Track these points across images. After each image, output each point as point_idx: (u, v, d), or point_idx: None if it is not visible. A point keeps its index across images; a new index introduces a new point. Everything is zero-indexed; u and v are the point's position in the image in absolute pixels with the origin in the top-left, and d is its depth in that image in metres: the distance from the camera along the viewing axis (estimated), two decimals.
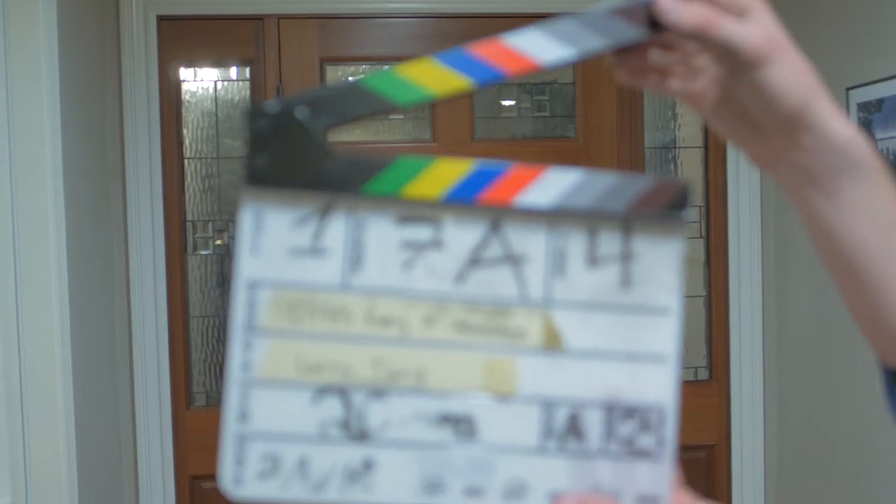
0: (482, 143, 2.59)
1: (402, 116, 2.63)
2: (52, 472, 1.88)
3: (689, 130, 2.69)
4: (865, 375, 2.15)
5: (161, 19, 2.48)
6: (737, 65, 0.54)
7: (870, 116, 2.08)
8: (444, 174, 0.49)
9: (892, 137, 2.01)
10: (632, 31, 0.52)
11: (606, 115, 2.62)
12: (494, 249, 0.50)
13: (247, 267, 0.49)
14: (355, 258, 0.49)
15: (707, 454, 2.69)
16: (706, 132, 2.67)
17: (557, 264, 0.50)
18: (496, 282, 0.50)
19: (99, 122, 2.32)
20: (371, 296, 0.49)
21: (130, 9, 2.43)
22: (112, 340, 2.40)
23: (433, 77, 0.50)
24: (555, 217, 0.50)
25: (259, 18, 2.52)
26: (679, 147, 2.70)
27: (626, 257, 0.50)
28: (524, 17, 2.56)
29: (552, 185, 0.50)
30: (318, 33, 2.54)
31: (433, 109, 2.58)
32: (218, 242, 2.58)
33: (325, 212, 0.49)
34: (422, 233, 0.50)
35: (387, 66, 0.52)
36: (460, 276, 0.50)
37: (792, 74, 0.54)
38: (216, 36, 2.52)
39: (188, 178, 2.55)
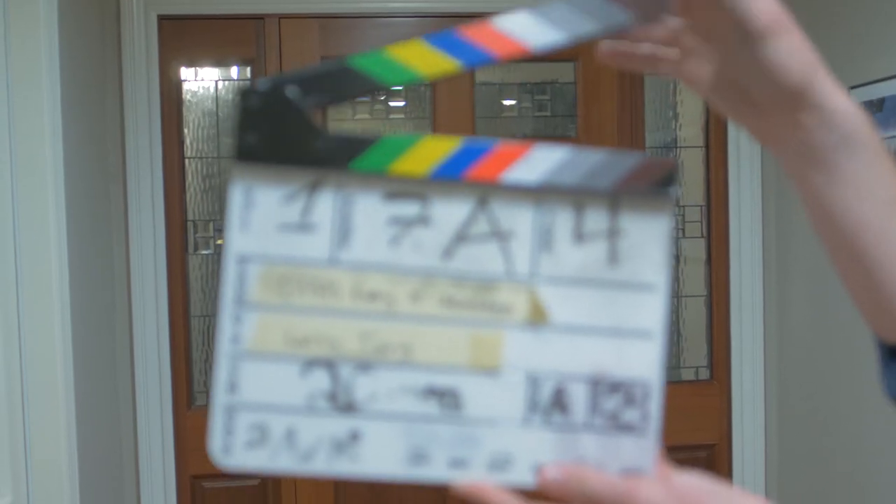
0: None
1: (402, 115, 2.63)
2: (53, 472, 1.88)
3: (689, 130, 2.69)
4: (867, 374, 2.14)
5: (162, 19, 2.48)
6: (741, 38, 0.54)
7: (871, 115, 2.08)
8: (431, 151, 0.50)
9: (893, 137, 2.01)
10: (623, 17, 0.52)
11: (607, 114, 2.62)
12: (481, 225, 0.50)
13: (236, 242, 0.50)
14: (343, 234, 0.50)
15: (708, 454, 2.69)
16: (707, 132, 2.67)
17: (544, 240, 0.51)
18: (483, 257, 0.51)
19: (99, 121, 2.32)
20: (358, 271, 0.50)
21: (131, 8, 2.43)
22: (113, 340, 2.40)
23: (422, 59, 0.50)
24: (542, 194, 0.51)
25: (260, 18, 2.52)
26: (680, 147, 2.69)
27: (613, 234, 0.51)
28: None
29: (539, 162, 0.50)
30: (319, 33, 2.54)
31: (434, 108, 2.58)
32: (219, 242, 2.58)
33: (313, 188, 0.50)
34: (409, 209, 0.50)
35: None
36: (447, 252, 0.50)
37: (796, 50, 0.55)
38: (217, 35, 2.52)
39: (189, 178, 2.55)
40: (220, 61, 2.55)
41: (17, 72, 1.82)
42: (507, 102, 2.67)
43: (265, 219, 0.50)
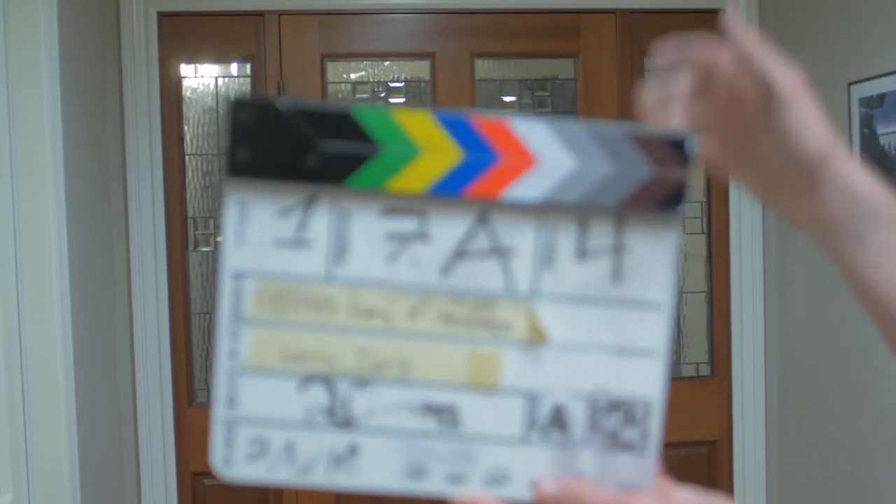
0: None
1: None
2: (54, 470, 1.89)
3: None
4: (867, 371, 2.14)
5: (161, 16, 2.47)
6: (764, 105, 0.56)
7: (871, 111, 2.07)
8: (430, 167, 0.49)
9: (893, 132, 2.00)
10: (641, 167, 0.50)
11: (607, 111, 2.61)
12: (481, 242, 0.50)
13: (232, 257, 0.50)
14: (339, 249, 0.50)
15: (709, 450, 2.69)
16: None
17: (546, 257, 0.50)
18: (482, 274, 0.50)
19: (99, 119, 2.32)
20: (355, 287, 0.50)
21: (131, 5, 2.42)
22: (113, 338, 2.40)
23: (424, 132, 0.49)
24: (544, 209, 0.50)
25: (260, 14, 2.52)
26: None
27: (617, 251, 0.50)
28: (525, 12, 2.56)
29: (543, 177, 0.49)
30: (319, 29, 2.54)
31: (434, 106, 2.58)
32: (219, 239, 2.57)
33: (308, 203, 0.49)
34: (407, 225, 0.50)
35: (384, 105, 0.51)
36: (446, 269, 0.50)
37: (815, 118, 0.56)
38: (217, 32, 2.52)
39: (189, 175, 2.55)
40: (220, 58, 2.55)
41: (17, 71, 1.82)
42: (507, 99, 2.67)
43: (260, 234, 0.49)
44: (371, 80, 2.61)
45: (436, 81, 2.58)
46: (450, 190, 0.49)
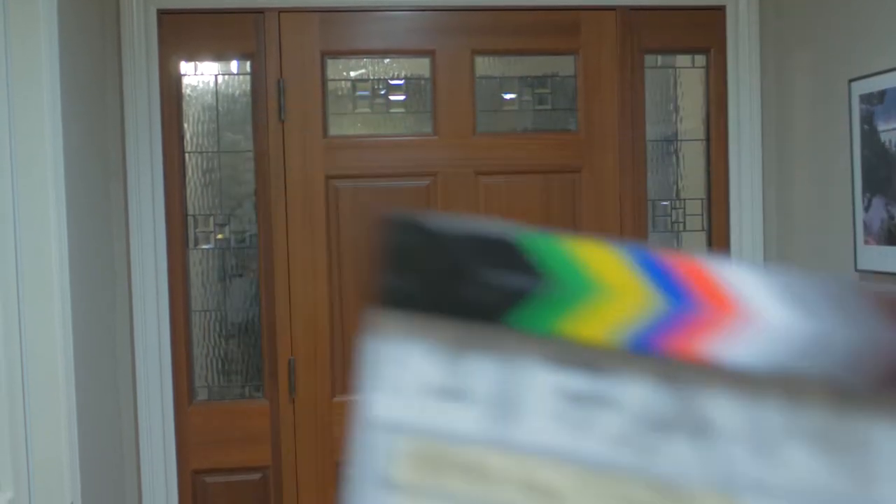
0: (484, 137, 2.59)
1: (403, 110, 2.63)
2: (55, 467, 1.88)
3: (690, 123, 2.69)
4: None
5: (161, 13, 2.47)
6: None
7: (872, 108, 2.07)
8: (614, 312, 0.39)
9: (894, 129, 2.00)
10: (878, 331, 0.38)
11: (608, 107, 2.61)
12: (675, 412, 0.39)
13: (379, 407, 0.41)
14: (503, 406, 0.40)
15: None
16: (708, 125, 2.66)
17: (759, 441, 0.39)
18: (676, 454, 0.39)
19: (99, 116, 2.32)
20: (520, 454, 0.40)
21: (130, 3, 2.42)
22: (113, 335, 2.40)
23: (607, 267, 0.39)
24: (760, 380, 0.39)
25: (259, 12, 2.52)
26: (681, 140, 2.69)
27: (857, 444, 0.39)
28: (525, 9, 2.56)
29: (758, 334, 0.38)
30: (319, 27, 2.53)
31: (434, 103, 2.58)
32: (219, 237, 2.58)
33: (464, 347, 0.41)
34: (583, 383, 0.40)
35: (549, 234, 0.41)
36: (629, 441, 0.40)
37: None
38: (216, 30, 2.52)
39: (189, 173, 2.55)
40: (220, 55, 2.55)
41: (17, 68, 1.81)
42: (507, 96, 2.66)
43: (410, 380, 0.41)
44: (371, 77, 2.60)
45: (436, 79, 2.57)
46: (639, 343, 0.39)
